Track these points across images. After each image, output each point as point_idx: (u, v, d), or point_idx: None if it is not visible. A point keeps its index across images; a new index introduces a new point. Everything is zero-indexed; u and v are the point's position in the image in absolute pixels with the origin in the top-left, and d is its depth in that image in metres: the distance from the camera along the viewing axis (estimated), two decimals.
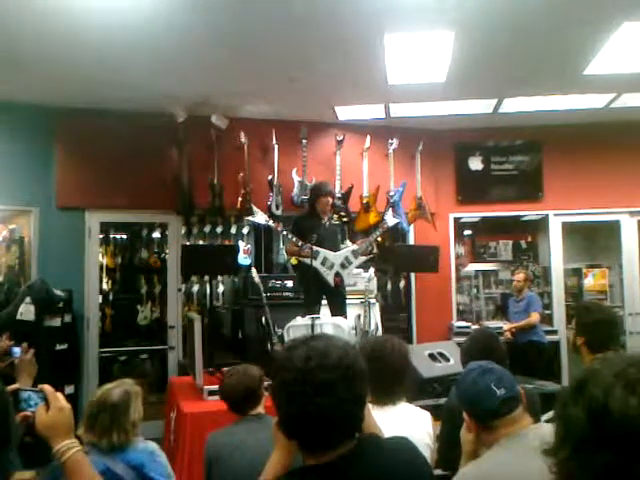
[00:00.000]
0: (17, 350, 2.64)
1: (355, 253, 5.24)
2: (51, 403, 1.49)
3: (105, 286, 6.87)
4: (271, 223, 5.32)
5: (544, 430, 1.85)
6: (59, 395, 1.51)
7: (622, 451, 0.94)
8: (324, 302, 5.33)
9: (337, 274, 5.16)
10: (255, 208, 5.40)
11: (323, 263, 5.12)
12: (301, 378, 1.31)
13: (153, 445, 2.50)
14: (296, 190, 6.40)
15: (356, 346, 3.30)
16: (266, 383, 2.83)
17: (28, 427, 1.48)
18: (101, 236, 6.66)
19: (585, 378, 1.04)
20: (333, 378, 1.31)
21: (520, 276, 6.92)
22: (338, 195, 6.43)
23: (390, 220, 5.73)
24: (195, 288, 7.24)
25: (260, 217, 5.30)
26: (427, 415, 2.52)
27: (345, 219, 6.51)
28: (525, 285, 6.84)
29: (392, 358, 2.42)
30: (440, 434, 2.51)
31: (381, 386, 2.41)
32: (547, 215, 7.32)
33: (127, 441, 2.35)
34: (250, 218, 5.48)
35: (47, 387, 1.52)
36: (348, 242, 5.51)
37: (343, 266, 5.18)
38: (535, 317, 6.53)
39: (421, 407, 2.67)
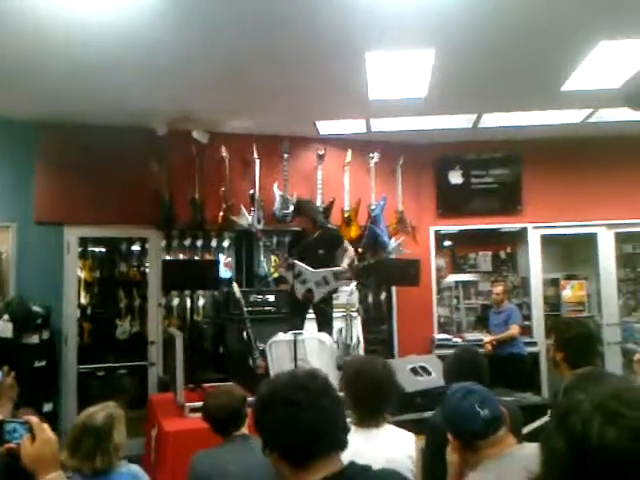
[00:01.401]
0: None
1: (336, 275, 5.19)
2: (37, 435, 1.47)
3: (83, 300, 6.78)
4: (253, 228, 5.43)
5: (528, 451, 1.87)
6: (45, 426, 1.50)
7: None
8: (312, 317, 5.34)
9: (309, 290, 5.14)
10: (243, 210, 5.57)
11: (297, 276, 5.13)
12: (299, 386, 1.45)
13: (136, 468, 2.48)
14: (277, 204, 6.41)
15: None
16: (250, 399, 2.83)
17: (13, 459, 1.46)
18: (79, 249, 6.58)
19: (568, 409, 1.05)
20: (324, 384, 1.49)
21: (499, 289, 6.98)
22: (319, 209, 6.46)
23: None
24: (175, 302, 7.18)
25: (244, 219, 5.41)
26: (411, 438, 2.51)
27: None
28: (504, 297, 6.91)
29: (376, 379, 2.42)
30: (424, 455, 2.52)
31: (365, 406, 2.42)
32: (526, 228, 7.42)
33: (110, 465, 2.33)
34: (235, 218, 5.58)
35: (33, 419, 1.50)
36: (349, 254, 5.40)
37: (318, 284, 5.15)
38: (515, 330, 6.59)
39: (404, 421, 2.67)
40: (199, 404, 4.02)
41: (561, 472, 1.00)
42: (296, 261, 5.17)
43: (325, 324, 5.11)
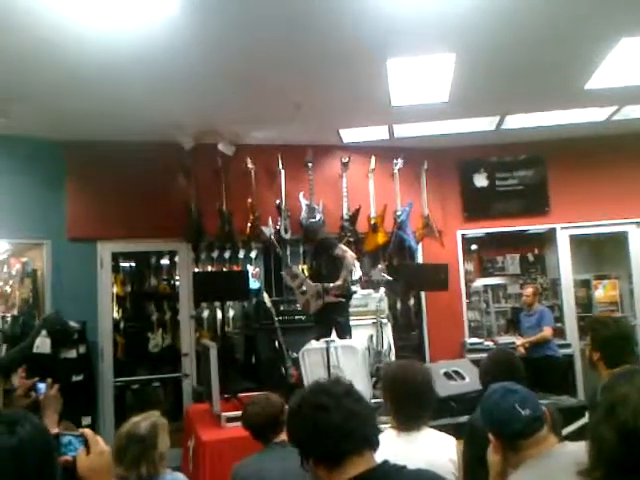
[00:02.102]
0: (42, 386, 2.66)
1: (326, 290, 5.15)
2: (92, 447, 1.52)
3: (115, 314, 6.89)
4: (273, 238, 5.90)
5: (570, 449, 1.87)
6: (99, 439, 1.55)
7: None
8: None
9: (307, 301, 5.28)
10: (270, 222, 6.16)
11: (299, 287, 5.32)
12: (324, 391, 1.55)
13: (181, 476, 2.52)
14: (304, 213, 6.45)
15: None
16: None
17: (69, 471, 1.51)
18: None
19: (615, 401, 1.08)
20: (347, 388, 1.58)
21: (529, 291, 6.93)
22: (346, 217, 6.52)
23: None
24: (205, 313, 7.26)
25: (268, 230, 6.03)
26: (452, 441, 2.52)
27: (351, 239, 6.55)
28: (535, 299, 6.85)
29: (415, 383, 2.44)
30: (464, 456, 2.52)
31: (405, 411, 2.43)
32: (554, 229, 7.36)
33: (156, 473, 2.37)
34: (263, 228, 6.07)
35: (87, 431, 1.55)
36: (346, 265, 5.41)
37: (313, 297, 5.22)
38: (548, 332, 6.53)
39: (438, 426, 2.68)
40: (235, 414, 4.09)
41: (610, 462, 1.02)
42: (298, 271, 5.40)
43: (341, 334, 5.11)
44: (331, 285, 5.14)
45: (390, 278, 5.66)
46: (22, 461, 1.24)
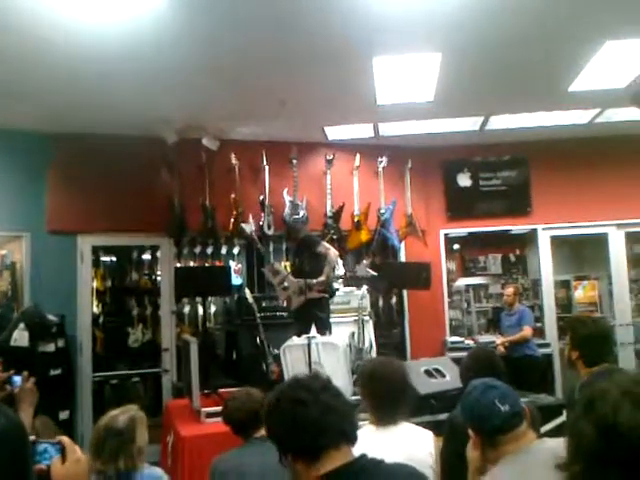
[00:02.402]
0: (17, 379, 2.62)
1: (309, 286, 5.19)
2: (68, 455, 1.50)
3: (95, 309, 6.82)
4: (254, 234, 5.97)
5: (548, 445, 1.88)
6: (76, 447, 1.53)
7: (630, 467, 0.98)
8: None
9: (289, 297, 5.28)
10: (251, 219, 6.13)
11: (280, 283, 5.33)
12: (302, 386, 1.57)
13: (159, 471, 2.50)
14: (287, 210, 6.43)
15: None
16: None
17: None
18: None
19: (594, 396, 1.08)
20: (325, 383, 1.60)
21: (510, 290, 7.00)
22: (329, 214, 6.51)
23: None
24: (186, 309, 7.20)
25: (249, 227, 6.05)
26: (429, 435, 2.54)
27: (334, 237, 6.55)
28: (515, 299, 6.92)
29: (394, 378, 2.46)
30: (443, 452, 2.53)
31: (383, 406, 2.44)
32: (536, 229, 7.41)
33: (134, 467, 2.35)
34: (243, 225, 6.09)
35: (65, 439, 1.53)
36: (329, 261, 5.45)
37: (295, 293, 5.22)
38: (528, 331, 6.59)
39: (419, 424, 2.70)
40: (215, 409, 4.07)
41: (589, 456, 1.03)
42: (280, 268, 5.42)
43: (321, 330, 5.11)
44: (314, 281, 5.14)
45: (375, 273, 5.69)
46: None
